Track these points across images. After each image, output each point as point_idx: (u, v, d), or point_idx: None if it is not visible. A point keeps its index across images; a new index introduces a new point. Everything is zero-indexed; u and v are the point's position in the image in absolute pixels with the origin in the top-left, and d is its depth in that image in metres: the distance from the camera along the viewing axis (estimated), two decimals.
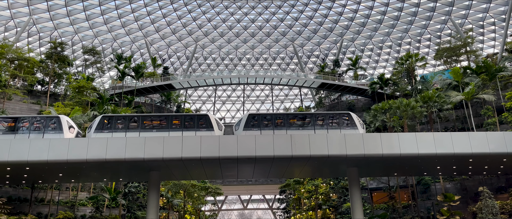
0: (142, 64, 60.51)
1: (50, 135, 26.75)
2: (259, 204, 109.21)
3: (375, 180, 48.15)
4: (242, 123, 28.33)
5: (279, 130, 28.11)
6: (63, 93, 54.84)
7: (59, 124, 27.12)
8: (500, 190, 38.14)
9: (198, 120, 28.52)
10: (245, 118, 28.59)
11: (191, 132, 27.70)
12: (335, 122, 28.78)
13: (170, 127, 27.98)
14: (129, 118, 28.35)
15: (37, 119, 27.51)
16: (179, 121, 28.45)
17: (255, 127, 28.22)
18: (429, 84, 51.10)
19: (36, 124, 27.27)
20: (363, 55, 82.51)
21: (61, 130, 26.95)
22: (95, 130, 27.28)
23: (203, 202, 53.98)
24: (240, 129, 28.14)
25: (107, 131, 27.35)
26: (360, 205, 30.42)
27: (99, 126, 27.45)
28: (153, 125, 28.30)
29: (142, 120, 28.20)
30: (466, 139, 26.59)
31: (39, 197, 40.60)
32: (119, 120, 28.04)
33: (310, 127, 28.54)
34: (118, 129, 27.60)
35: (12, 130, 26.93)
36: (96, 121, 27.85)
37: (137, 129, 27.69)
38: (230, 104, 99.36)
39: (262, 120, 28.71)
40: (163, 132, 27.67)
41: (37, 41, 67.35)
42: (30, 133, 26.83)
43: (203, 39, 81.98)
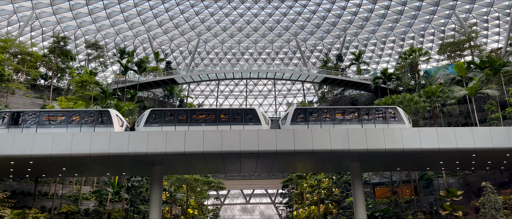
0: (145, 58, 60.54)
1: (101, 128, 26.97)
2: (262, 199, 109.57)
3: (377, 175, 48.13)
4: (289, 118, 28.33)
5: (326, 125, 28.09)
6: (66, 88, 54.99)
7: (109, 118, 27.41)
8: (503, 185, 38.07)
9: (246, 114, 28.60)
10: (291, 112, 28.58)
11: (239, 126, 27.78)
12: (381, 117, 28.74)
13: (218, 121, 28.05)
14: (178, 112, 28.53)
15: (88, 113, 27.83)
16: (227, 115, 28.48)
17: (301, 121, 28.23)
18: (433, 79, 50.90)
19: (87, 118, 27.57)
20: (366, 49, 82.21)
21: (111, 124, 27.21)
22: (145, 124, 27.46)
23: (205, 196, 54.22)
24: (287, 123, 28.13)
25: (157, 125, 27.52)
26: (362, 200, 30.43)
27: (149, 120, 27.63)
28: (202, 119, 28.45)
29: (191, 114, 28.35)
30: (470, 134, 26.49)
31: (43, 191, 40.83)
32: (167, 114, 28.23)
33: (357, 121, 28.47)
34: (167, 122, 27.71)
35: (64, 123, 27.18)
36: (145, 115, 28.04)
37: (186, 123, 27.81)
38: (232, 99, 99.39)
39: (309, 114, 28.74)
40: (211, 126, 27.73)
41: (40, 36, 67.43)
42: (81, 127, 27.05)
43: (206, 33, 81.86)
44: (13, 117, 27.33)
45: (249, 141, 25.69)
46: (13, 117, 27.33)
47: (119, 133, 26.21)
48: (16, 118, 27.40)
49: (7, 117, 27.27)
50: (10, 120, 27.20)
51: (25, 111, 28.20)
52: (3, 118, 27.16)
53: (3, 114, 27.42)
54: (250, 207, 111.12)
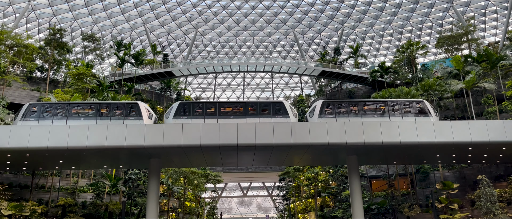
0: (142, 51, 60.22)
1: (131, 121, 27.08)
2: (259, 192, 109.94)
3: (374, 168, 48.32)
4: (317, 110, 28.36)
5: (353, 118, 28.17)
6: (63, 80, 54.69)
7: (138, 110, 27.57)
8: (498, 178, 38.31)
9: (274, 107, 28.66)
10: (319, 105, 28.60)
11: (267, 119, 27.85)
12: (409, 110, 28.79)
13: (246, 113, 28.15)
14: (206, 105, 28.71)
15: (117, 105, 28.01)
16: (255, 108, 28.58)
17: (329, 114, 28.28)
18: (430, 73, 50.92)
19: (116, 110, 27.69)
20: (364, 43, 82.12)
21: (140, 116, 27.36)
22: (174, 117, 27.57)
23: (203, 189, 54.30)
24: (315, 116, 28.18)
25: (186, 117, 27.59)
26: (359, 193, 30.58)
27: (178, 113, 27.74)
28: (230, 112, 28.52)
29: (220, 107, 28.45)
30: (466, 128, 26.60)
31: (40, 183, 40.79)
32: (196, 107, 28.38)
33: (384, 114, 28.57)
34: (196, 115, 27.84)
35: (93, 116, 27.32)
36: (173, 108, 28.15)
37: (215, 115, 27.90)
38: (230, 92, 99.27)
39: (337, 107, 28.76)
40: (240, 118, 27.84)
41: (36, 27, 66.95)
42: (110, 119, 27.15)
43: (203, 26, 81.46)
44: (43, 109, 27.41)
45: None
46: (43, 109, 27.41)
47: (115, 126, 26.19)
48: (46, 111, 27.50)
49: (37, 110, 27.30)
50: (39, 112, 27.25)
51: (54, 103, 28.33)
52: (32, 111, 27.21)
53: (32, 107, 27.44)
54: (247, 200, 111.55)
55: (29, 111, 27.31)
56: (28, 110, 27.33)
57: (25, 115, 27.13)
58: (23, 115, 27.11)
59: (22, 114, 27.20)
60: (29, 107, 27.45)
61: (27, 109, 27.37)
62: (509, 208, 33.24)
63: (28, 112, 27.27)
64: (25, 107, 27.54)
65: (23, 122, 26.85)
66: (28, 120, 26.90)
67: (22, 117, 27.06)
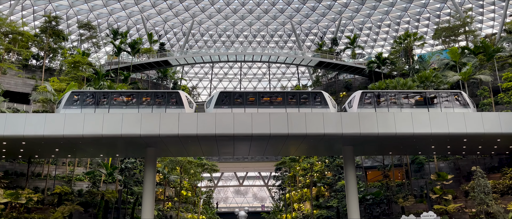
0: (138, 39, 59.86)
1: (172, 109, 27.23)
2: (255, 181, 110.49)
3: (370, 158, 48.59)
4: (356, 101, 28.42)
5: (393, 109, 28.29)
6: (59, 68, 54.35)
7: (179, 99, 27.79)
8: (492, 170, 38.63)
9: (314, 98, 28.75)
10: (358, 95, 28.66)
11: (307, 109, 27.91)
12: (447, 101, 28.93)
13: (286, 103, 28.23)
14: (247, 94, 28.93)
15: (158, 94, 28.32)
16: (295, 98, 28.66)
17: (368, 105, 28.41)
18: (427, 64, 50.97)
19: (158, 99, 27.95)
20: (361, 33, 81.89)
21: (182, 104, 27.58)
22: (215, 106, 27.74)
23: (199, 178, 54.49)
24: (354, 107, 28.25)
25: (226, 106, 27.79)
26: (354, 183, 30.79)
27: (218, 102, 27.94)
28: (270, 102, 28.71)
29: (260, 97, 28.64)
30: (461, 119, 26.74)
31: (36, 171, 40.77)
32: (236, 96, 28.61)
33: (423, 105, 28.64)
34: (236, 104, 28.00)
35: (136, 104, 27.57)
36: (214, 97, 28.30)
37: (255, 105, 28.06)
38: (227, 82, 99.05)
39: (376, 98, 28.87)
40: (280, 108, 27.91)
41: (31, 15, 66.27)
42: (152, 108, 27.29)
43: (200, 15, 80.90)
44: (86, 97, 27.59)
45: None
46: (86, 97, 27.59)
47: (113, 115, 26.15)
48: (88, 98, 27.70)
49: (78, 98, 27.48)
50: (82, 99, 27.49)
51: (98, 91, 28.43)
52: (74, 99, 27.36)
53: (74, 95, 27.50)
54: (243, 189, 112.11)
55: (71, 99, 27.38)
56: (70, 98, 27.41)
57: (68, 103, 27.27)
58: (65, 103, 27.24)
59: (64, 102, 27.31)
60: (71, 95, 27.55)
61: (70, 97, 27.46)
62: (503, 199, 33.59)
63: (70, 100, 27.35)
64: (67, 95, 27.66)
65: (65, 110, 26.95)
66: (70, 108, 27.01)
67: (65, 105, 27.18)
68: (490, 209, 30.79)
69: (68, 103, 27.21)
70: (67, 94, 27.81)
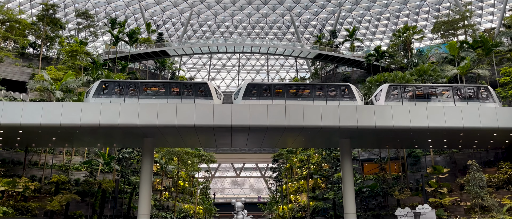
0: (137, 29, 59.52)
1: (201, 100, 27.44)
2: (252, 173, 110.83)
3: (366, 151, 48.75)
4: (383, 94, 28.57)
5: (419, 102, 28.41)
6: (56, 57, 54.07)
7: (208, 90, 27.98)
8: (488, 164, 38.85)
9: (341, 90, 28.92)
10: (385, 89, 28.75)
11: (334, 102, 28.15)
12: (474, 95, 29.07)
13: (313, 96, 28.38)
14: (274, 86, 29.07)
15: (187, 85, 28.73)
16: (323, 91, 28.77)
17: (395, 98, 28.57)
18: (425, 58, 50.94)
19: (187, 90, 28.22)
20: (360, 26, 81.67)
21: (210, 96, 27.77)
22: (243, 97, 27.96)
23: (196, 169, 54.57)
24: (381, 100, 28.44)
25: (254, 98, 28.02)
26: (351, 176, 30.92)
27: (246, 93, 28.15)
28: (298, 94, 28.89)
29: (288, 89, 28.87)
30: (458, 113, 26.82)
31: (33, 160, 40.74)
32: (264, 88, 28.78)
33: (449, 99, 28.78)
34: (264, 96, 28.21)
35: (165, 94, 27.77)
36: (242, 88, 28.43)
37: (283, 97, 28.25)
38: (225, 73, 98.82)
39: (403, 91, 28.97)
40: (307, 100, 28.14)
41: (28, 3, 65.73)
42: (181, 99, 27.59)
43: (199, 5, 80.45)
44: (114, 87, 27.82)
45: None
46: (114, 87, 27.82)
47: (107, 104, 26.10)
48: (117, 88, 27.92)
49: (108, 87, 27.71)
50: (112, 89, 27.68)
51: (127, 81, 28.69)
52: (103, 88, 27.52)
53: (103, 84, 27.68)
54: (240, 181, 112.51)
55: (101, 88, 27.48)
56: (99, 87, 27.49)
57: (97, 92, 27.37)
58: (95, 93, 27.32)
59: (93, 91, 27.36)
60: (100, 85, 27.63)
61: (99, 86, 27.52)
62: (497, 193, 33.84)
63: (99, 89, 27.44)
64: (96, 85, 27.72)
65: (95, 100, 27.01)
66: (100, 97, 27.10)
67: (94, 94, 27.25)
68: (485, 202, 31.03)
69: (97, 92, 27.36)
70: (96, 83, 27.96)
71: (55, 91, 35.85)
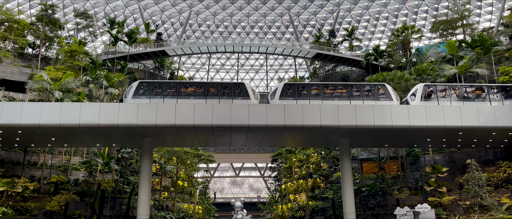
0: (135, 29, 59.47)
1: (239, 100, 27.80)
2: (251, 172, 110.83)
3: (365, 151, 48.79)
4: (418, 94, 28.73)
5: (455, 102, 28.55)
6: (55, 57, 54.04)
7: (245, 90, 28.34)
8: (487, 163, 38.91)
9: (378, 90, 29.13)
10: (420, 88, 28.84)
11: (371, 102, 28.37)
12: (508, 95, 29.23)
13: (350, 96, 28.63)
14: (311, 86, 29.32)
15: (225, 85, 29.05)
16: (359, 91, 28.98)
17: (430, 98, 28.81)
18: (424, 57, 51.02)
19: (225, 90, 28.48)
20: (359, 26, 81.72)
21: (247, 96, 28.09)
22: (280, 98, 28.20)
23: (195, 169, 54.53)
24: (417, 100, 28.57)
25: (291, 98, 28.29)
26: (350, 175, 30.95)
27: (283, 94, 28.41)
28: (334, 94, 29.06)
29: (323, 88, 29.03)
30: (457, 113, 26.85)
31: (32, 160, 40.70)
32: (301, 88, 29.04)
33: (483, 98, 29.02)
34: (301, 97, 28.51)
35: (203, 95, 28.00)
36: (279, 89, 28.64)
37: (319, 97, 28.49)
38: (224, 73, 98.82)
39: (437, 91, 29.16)
40: (344, 100, 28.39)
41: (27, 3, 65.65)
42: (219, 99, 27.84)
43: (198, 5, 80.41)
44: (153, 87, 28.06)
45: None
46: (153, 87, 28.06)
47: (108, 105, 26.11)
48: (156, 88, 28.05)
49: (146, 88, 27.81)
50: (150, 90, 27.81)
51: (165, 82, 28.90)
52: (141, 89, 27.67)
53: (142, 85, 27.85)
54: (239, 180, 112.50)
55: (139, 89, 27.66)
56: (138, 88, 27.64)
57: (136, 93, 27.56)
58: (134, 93, 27.48)
59: (132, 92, 27.52)
60: (139, 85, 27.79)
61: (137, 87, 27.66)
62: (496, 192, 33.89)
63: (138, 90, 27.60)
64: (135, 85, 27.86)
65: (134, 100, 27.15)
66: (139, 98, 27.28)
67: (133, 94, 27.41)
68: (484, 201, 31.08)
69: (136, 93, 27.52)
70: (135, 84, 28.11)
71: (54, 91, 35.83)
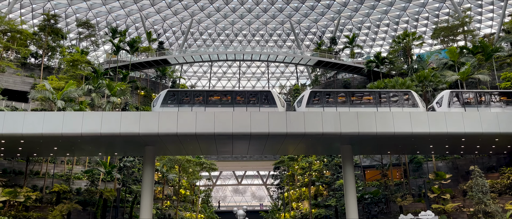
0: (137, 38, 59.74)
1: (266, 108, 27.90)
2: (253, 180, 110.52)
3: (368, 157, 48.65)
4: (445, 101, 28.84)
5: (483, 108, 28.74)
6: (57, 67, 54.28)
7: (272, 98, 28.48)
8: (490, 169, 38.73)
9: (403, 97, 29.39)
10: (446, 96, 28.95)
11: (397, 109, 28.64)
12: None
13: (378, 103, 28.85)
14: (337, 93, 29.41)
15: (250, 93, 29.30)
16: (386, 98, 29.14)
17: (458, 105, 29.01)
18: (425, 64, 51.05)
19: (252, 98, 28.66)
20: (360, 33, 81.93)
21: (275, 104, 28.25)
22: (307, 105, 28.35)
23: (197, 177, 54.46)
24: (443, 106, 28.70)
25: (318, 105, 28.46)
26: (353, 182, 30.82)
27: (309, 101, 28.55)
28: (362, 101, 29.27)
29: (350, 95, 29.23)
30: (460, 119, 26.78)
31: (34, 170, 40.72)
32: (327, 95, 29.17)
33: (502, 104, 29.17)
34: (328, 104, 28.65)
35: (230, 103, 28.25)
36: (305, 96, 28.81)
37: (347, 104, 28.70)
38: (225, 81, 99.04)
39: (463, 98, 29.36)
40: (370, 108, 28.55)
41: (30, 13, 66.16)
42: (247, 107, 28.03)
43: (199, 14, 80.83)
44: (181, 96, 28.30)
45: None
46: (181, 96, 28.30)
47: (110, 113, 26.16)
48: (184, 97, 28.34)
49: (175, 96, 28.12)
50: (178, 98, 28.06)
51: (193, 90, 29.34)
52: (170, 97, 27.97)
53: (172, 93, 28.17)
54: (241, 188, 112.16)
55: (168, 97, 27.99)
56: (166, 97, 27.96)
57: (164, 101, 27.84)
58: (162, 102, 27.76)
59: (161, 100, 27.81)
60: (167, 94, 28.10)
61: (166, 95, 27.99)
62: (500, 198, 33.69)
63: (166, 98, 27.94)
64: (163, 94, 28.13)
65: (163, 109, 27.36)
66: (168, 106, 27.60)
67: (162, 103, 27.70)
68: (488, 208, 30.87)
69: (164, 101, 27.77)
70: (163, 93, 28.36)
71: (57, 100, 35.94)
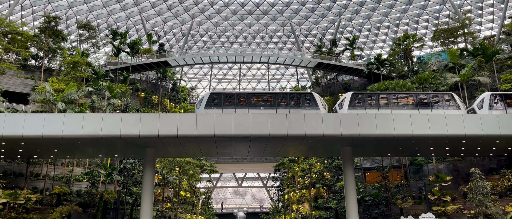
0: (138, 40, 59.81)
1: (308, 110, 28.06)
2: (254, 182, 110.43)
3: (368, 160, 48.61)
4: (486, 103, 28.76)
5: None
6: (58, 68, 54.33)
7: (313, 100, 28.57)
8: (491, 172, 38.69)
9: (444, 98, 29.44)
10: (487, 98, 28.87)
11: (440, 111, 28.58)
12: None
13: (418, 104, 29.00)
14: (379, 95, 29.43)
15: (293, 95, 29.26)
16: (427, 100, 29.23)
17: (500, 107, 28.93)
18: (426, 66, 51.06)
19: (294, 100, 28.75)
20: (360, 35, 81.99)
21: (317, 105, 28.38)
22: (349, 107, 28.46)
23: (198, 179, 54.44)
24: (485, 108, 28.58)
25: (360, 107, 28.55)
26: (353, 184, 30.80)
27: (351, 103, 28.65)
28: (399, 103, 29.35)
29: (392, 97, 29.32)
30: (460, 121, 26.77)
31: (35, 172, 40.73)
32: (369, 97, 29.29)
33: None
34: (370, 106, 28.75)
35: (272, 105, 28.47)
36: (347, 98, 28.89)
37: (388, 106, 28.79)
38: (226, 83, 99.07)
39: (505, 100, 29.24)
40: (412, 109, 28.68)
41: (30, 15, 66.24)
42: (289, 109, 28.11)
43: (200, 15, 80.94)
44: (224, 97, 28.63)
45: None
46: (224, 97, 28.63)
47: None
48: (228, 99, 28.61)
49: (216, 99, 28.44)
50: (222, 100, 28.35)
51: (236, 92, 29.70)
52: (214, 99, 28.32)
53: (214, 95, 28.58)
54: (242, 190, 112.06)
55: (212, 99, 28.31)
56: (210, 98, 28.28)
57: (208, 103, 28.13)
58: (206, 103, 28.07)
59: (205, 102, 28.09)
60: (211, 96, 28.45)
61: (210, 97, 28.32)
62: (501, 200, 33.64)
63: (210, 100, 28.25)
64: (207, 96, 28.43)
65: (207, 111, 27.62)
66: (212, 108, 27.87)
67: (205, 105, 27.99)
68: (488, 210, 30.83)
69: (208, 103, 28.03)
70: (207, 95, 28.63)
71: (57, 102, 35.96)
